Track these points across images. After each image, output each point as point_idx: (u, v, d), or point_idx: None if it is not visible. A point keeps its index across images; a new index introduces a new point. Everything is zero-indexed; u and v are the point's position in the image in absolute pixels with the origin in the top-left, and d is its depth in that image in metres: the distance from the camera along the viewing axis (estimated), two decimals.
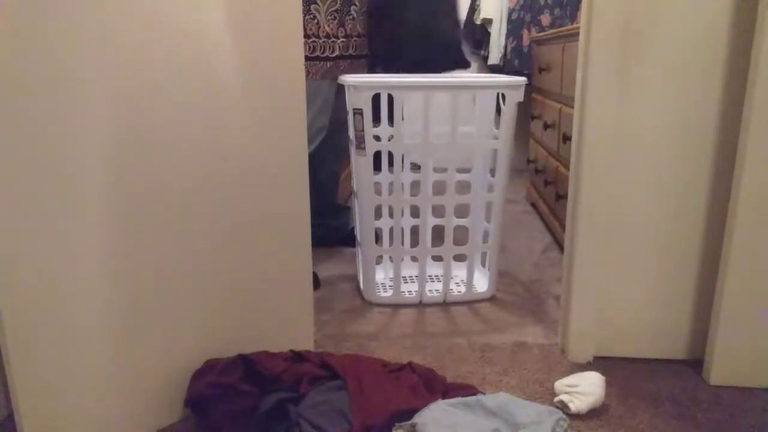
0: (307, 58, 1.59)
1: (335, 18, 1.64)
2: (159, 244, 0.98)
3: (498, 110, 1.55)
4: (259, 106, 1.08)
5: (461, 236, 1.64)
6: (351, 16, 1.69)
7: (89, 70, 0.85)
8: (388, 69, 1.83)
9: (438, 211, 1.61)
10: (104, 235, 0.91)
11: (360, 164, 1.51)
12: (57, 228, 0.86)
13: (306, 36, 1.58)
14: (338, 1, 1.65)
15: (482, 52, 3.38)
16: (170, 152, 0.97)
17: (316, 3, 1.60)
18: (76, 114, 0.85)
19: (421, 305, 1.59)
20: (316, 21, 1.61)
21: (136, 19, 0.89)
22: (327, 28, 1.62)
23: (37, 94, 0.81)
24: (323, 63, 1.66)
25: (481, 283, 1.66)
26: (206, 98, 1.01)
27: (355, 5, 1.71)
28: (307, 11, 1.59)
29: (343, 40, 1.68)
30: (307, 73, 1.60)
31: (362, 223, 1.57)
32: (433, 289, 1.64)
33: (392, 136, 1.51)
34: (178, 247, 1.01)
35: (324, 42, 1.63)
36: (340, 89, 1.75)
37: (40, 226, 0.84)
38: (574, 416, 1.07)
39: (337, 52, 1.68)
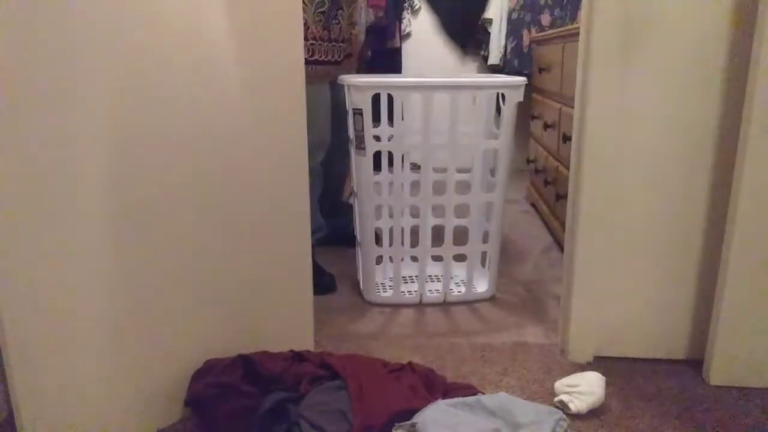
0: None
1: (320, 20, 1.58)
2: (158, 244, 0.98)
3: (498, 110, 1.55)
4: (260, 105, 1.08)
5: (461, 236, 1.64)
6: (336, 21, 1.63)
7: (88, 71, 0.85)
8: None
9: (438, 211, 1.61)
10: (104, 236, 0.91)
11: (360, 164, 1.51)
12: (56, 228, 0.86)
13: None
14: (326, 3, 1.58)
15: (482, 52, 3.38)
16: (170, 153, 0.97)
17: (303, 2, 1.50)
18: (75, 114, 0.85)
19: (421, 305, 1.59)
20: (304, 23, 1.54)
21: (136, 20, 0.89)
22: (314, 30, 1.57)
23: (36, 94, 0.81)
24: (313, 67, 1.58)
25: (481, 283, 1.66)
26: (207, 98, 1.01)
27: (342, 9, 1.65)
28: None
29: (328, 44, 1.63)
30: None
31: (362, 223, 1.57)
32: (433, 289, 1.64)
33: (392, 136, 1.51)
34: (177, 247, 1.01)
35: (312, 45, 1.57)
36: (336, 90, 1.74)
37: (40, 227, 0.84)
38: (574, 416, 1.07)
39: (324, 56, 1.63)
